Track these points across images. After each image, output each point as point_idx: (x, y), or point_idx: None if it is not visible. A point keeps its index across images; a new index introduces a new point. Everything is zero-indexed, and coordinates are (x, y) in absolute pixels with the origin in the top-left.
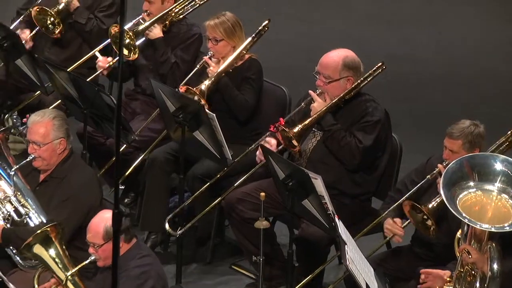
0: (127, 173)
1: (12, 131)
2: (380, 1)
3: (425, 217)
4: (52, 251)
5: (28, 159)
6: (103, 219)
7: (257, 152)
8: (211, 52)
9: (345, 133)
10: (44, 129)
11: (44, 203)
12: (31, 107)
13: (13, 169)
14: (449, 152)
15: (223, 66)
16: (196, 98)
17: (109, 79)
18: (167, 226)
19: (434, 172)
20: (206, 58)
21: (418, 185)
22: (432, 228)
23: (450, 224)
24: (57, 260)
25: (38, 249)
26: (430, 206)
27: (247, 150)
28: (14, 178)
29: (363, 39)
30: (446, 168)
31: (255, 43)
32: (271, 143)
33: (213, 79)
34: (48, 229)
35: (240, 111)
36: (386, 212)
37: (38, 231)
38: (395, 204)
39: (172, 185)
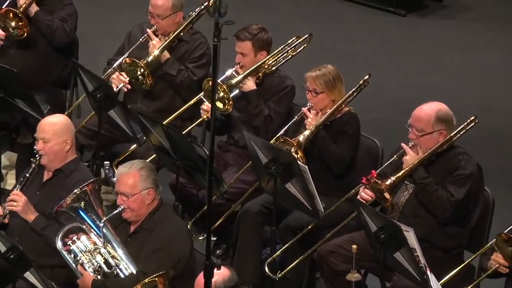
0: (218, 223)
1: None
2: (473, 54)
3: None
4: None
5: (117, 211)
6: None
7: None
8: (310, 104)
9: (437, 187)
10: (132, 180)
11: (135, 254)
12: (123, 158)
13: (102, 221)
14: None
15: (321, 119)
16: (293, 149)
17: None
18: (266, 269)
19: None
20: (304, 109)
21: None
22: None
23: None
24: None
25: None
26: None
27: (338, 202)
28: (104, 229)
29: (456, 92)
30: None
31: (354, 97)
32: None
33: (311, 131)
34: (156, 279)
35: (336, 165)
36: (477, 254)
37: (147, 280)
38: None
39: (265, 237)
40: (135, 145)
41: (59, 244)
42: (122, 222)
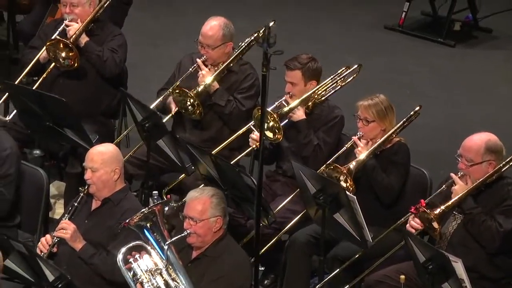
0: (264, 249)
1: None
2: None
3: None
4: None
5: (183, 234)
6: None
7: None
8: (361, 133)
9: (486, 217)
10: (202, 206)
11: (195, 280)
12: (171, 188)
13: (167, 243)
14: None
15: (371, 148)
16: (342, 177)
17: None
18: None
19: None
20: (355, 138)
21: None
22: None
23: None
24: None
25: None
26: None
27: (385, 232)
28: (168, 251)
29: (506, 122)
30: None
31: (405, 128)
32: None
33: (361, 159)
34: None
35: (385, 195)
36: None
37: None
38: None
39: (313, 266)
40: (183, 174)
41: (120, 260)
42: (185, 247)
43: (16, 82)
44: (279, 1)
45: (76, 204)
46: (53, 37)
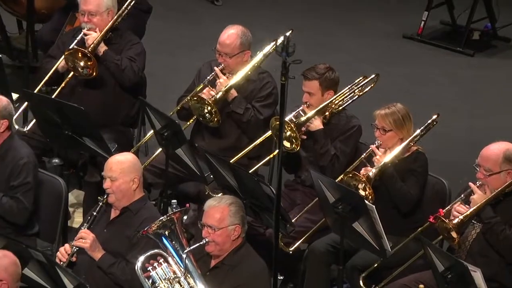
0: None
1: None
2: None
3: None
4: None
5: (201, 243)
6: None
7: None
8: (378, 142)
9: (505, 226)
10: (220, 214)
11: None
12: (189, 196)
13: (185, 251)
14: None
15: (390, 157)
16: (361, 186)
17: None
18: (361, 282)
19: None
20: (373, 147)
21: None
22: None
23: None
24: None
25: None
26: None
27: (404, 241)
28: (186, 260)
29: None
30: None
31: (422, 137)
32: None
33: (379, 168)
34: None
35: (403, 203)
36: None
37: None
38: None
39: (332, 276)
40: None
41: (139, 269)
42: (203, 256)
43: (35, 91)
44: (296, 11)
45: (95, 213)
46: (71, 47)
